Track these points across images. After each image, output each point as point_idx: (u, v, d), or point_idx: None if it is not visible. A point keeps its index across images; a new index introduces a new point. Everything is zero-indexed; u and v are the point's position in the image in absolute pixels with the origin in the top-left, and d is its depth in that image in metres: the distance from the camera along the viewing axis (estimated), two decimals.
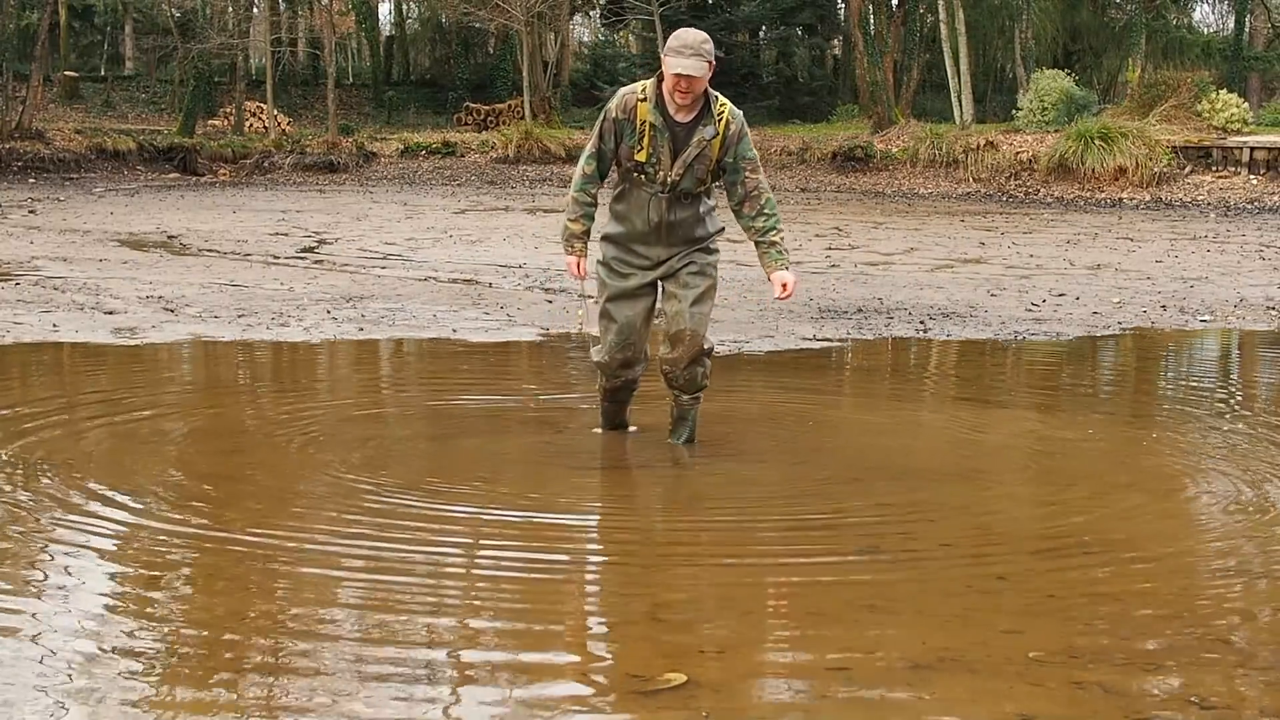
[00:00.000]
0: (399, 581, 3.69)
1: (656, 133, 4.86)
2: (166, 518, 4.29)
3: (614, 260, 5.10)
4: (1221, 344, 8.68)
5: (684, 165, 4.88)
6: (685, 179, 4.91)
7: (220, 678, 3.03)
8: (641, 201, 4.98)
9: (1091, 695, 2.95)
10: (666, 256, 5.06)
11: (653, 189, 4.94)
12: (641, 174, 4.94)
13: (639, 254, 5.06)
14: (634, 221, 5.03)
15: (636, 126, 4.88)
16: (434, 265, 12.27)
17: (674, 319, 5.07)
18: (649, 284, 5.10)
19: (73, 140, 27.82)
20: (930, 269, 12.23)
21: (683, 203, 4.98)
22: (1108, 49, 31.10)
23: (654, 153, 4.88)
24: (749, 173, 4.97)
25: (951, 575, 3.80)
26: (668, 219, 4.98)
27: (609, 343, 5.13)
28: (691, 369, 5.11)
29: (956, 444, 5.63)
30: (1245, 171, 21.79)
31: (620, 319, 5.10)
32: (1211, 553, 4.11)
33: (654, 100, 4.87)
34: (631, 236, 5.06)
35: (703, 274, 5.07)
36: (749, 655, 3.20)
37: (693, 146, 4.86)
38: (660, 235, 5.02)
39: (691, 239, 5.07)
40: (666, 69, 4.80)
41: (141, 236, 15.06)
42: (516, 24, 29.78)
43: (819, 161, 26.02)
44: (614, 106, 4.94)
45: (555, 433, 5.58)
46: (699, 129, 4.86)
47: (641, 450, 5.29)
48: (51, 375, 7.28)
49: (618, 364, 5.14)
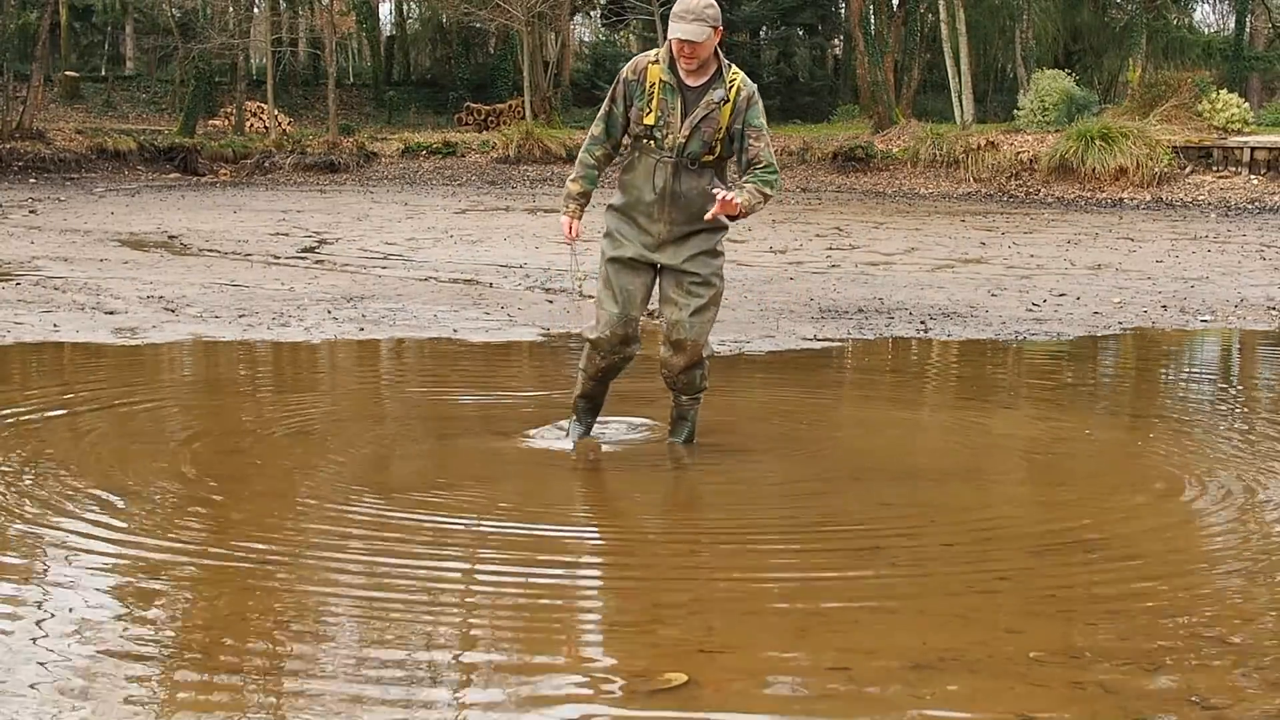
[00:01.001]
0: (398, 582, 3.69)
1: (668, 94, 4.86)
2: (166, 518, 4.29)
3: (616, 230, 5.07)
4: (1222, 344, 8.68)
5: (691, 126, 4.86)
6: (692, 141, 4.88)
7: (218, 678, 3.03)
8: (648, 169, 4.95)
9: (1091, 695, 2.95)
10: (669, 238, 4.98)
11: (660, 154, 4.92)
12: (650, 139, 4.92)
13: (641, 228, 5.01)
14: (640, 189, 4.98)
15: (646, 88, 4.89)
16: (435, 265, 12.27)
17: (675, 326, 5.03)
18: (648, 263, 5.04)
19: (73, 140, 27.84)
20: (931, 269, 12.23)
21: (689, 172, 4.93)
22: (1108, 49, 31.09)
23: (662, 115, 4.87)
24: (753, 140, 4.91)
25: (951, 575, 3.80)
26: (672, 187, 4.93)
27: (610, 315, 5.05)
28: (690, 373, 5.11)
29: (957, 444, 5.63)
30: (1246, 171, 21.79)
31: (619, 290, 5.03)
32: (1212, 553, 4.11)
33: (667, 63, 4.89)
34: (635, 206, 5.01)
35: (707, 284, 5.02)
36: (749, 655, 3.20)
37: (701, 108, 4.86)
38: (664, 207, 4.96)
39: (695, 220, 4.95)
40: (670, 34, 4.82)
41: (142, 236, 15.06)
42: (517, 24, 29.78)
43: (820, 161, 26.02)
44: (627, 68, 4.99)
45: (554, 433, 5.57)
46: (709, 91, 4.87)
47: (641, 450, 5.29)
48: (52, 375, 7.28)
49: (618, 339, 5.06)
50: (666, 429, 5.35)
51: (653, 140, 4.92)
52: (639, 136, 4.96)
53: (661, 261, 5.03)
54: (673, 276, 5.05)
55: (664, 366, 5.12)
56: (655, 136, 4.91)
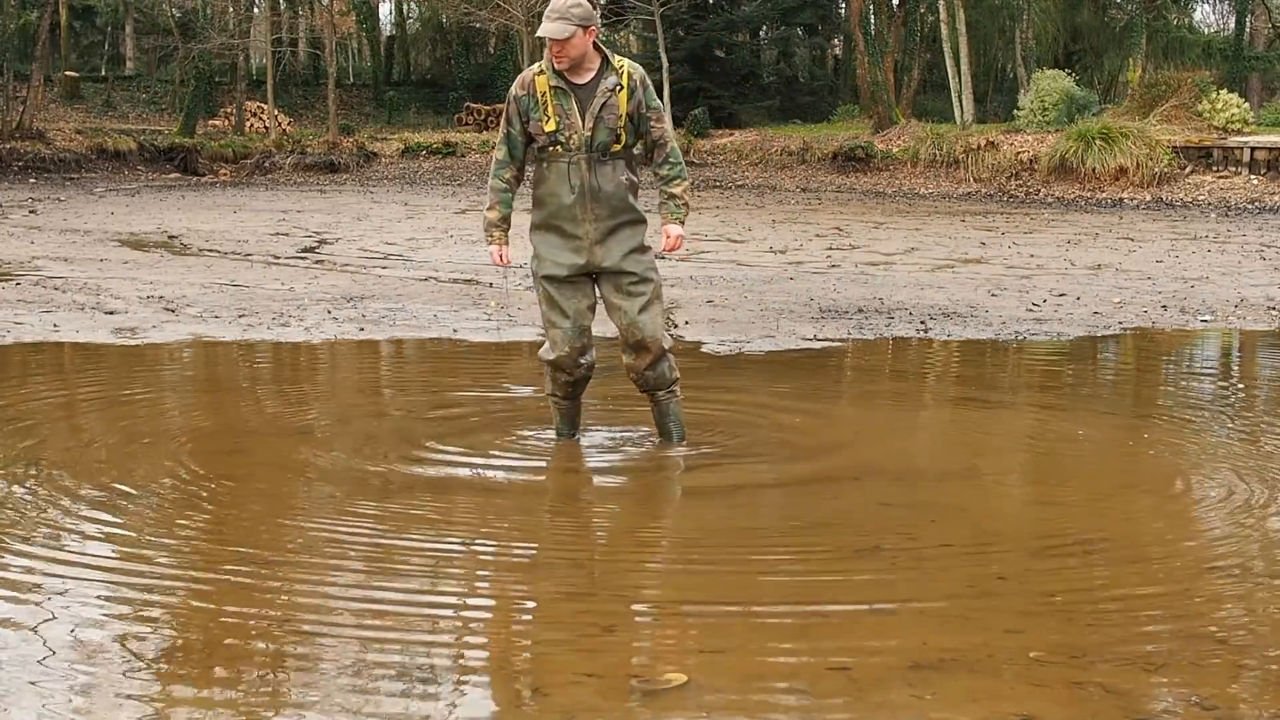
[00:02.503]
0: (396, 579, 3.69)
1: (560, 97, 4.92)
2: (166, 518, 4.30)
3: (545, 250, 5.07)
4: (1222, 344, 8.68)
5: (593, 117, 4.92)
6: (598, 131, 4.94)
7: (219, 675, 3.03)
8: (561, 173, 4.98)
9: (1091, 695, 2.95)
10: (596, 237, 4.99)
11: (569, 155, 4.96)
12: (555, 144, 4.96)
13: (568, 234, 5.01)
14: (559, 196, 4.99)
15: (539, 99, 4.95)
16: (435, 265, 12.27)
17: (630, 329, 5.07)
18: (584, 274, 5.05)
19: (73, 140, 27.85)
20: (931, 269, 12.22)
21: (603, 164, 4.97)
22: (1108, 49, 31.08)
23: (561, 117, 4.92)
24: (654, 121, 5.03)
25: (951, 575, 3.80)
26: (590, 183, 4.96)
27: (565, 332, 5.08)
28: (656, 368, 5.15)
29: (957, 444, 5.63)
30: (1246, 171, 21.79)
31: (569, 309, 5.07)
32: (1212, 553, 4.11)
33: (551, 69, 4.94)
34: (557, 214, 5.01)
35: (645, 280, 5.07)
36: (749, 655, 3.20)
37: (599, 96, 4.92)
38: (586, 206, 4.98)
39: (617, 213, 5.00)
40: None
41: (142, 236, 15.07)
42: (517, 24, 29.78)
43: (819, 161, 26.03)
44: (515, 86, 5.03)
45: (554, 433, 5.56)
46: (601, 81, 4.95)
47: (639, 451, 5.29)
48: (52, 375, 7.27)
49: (576, 353, 5.10)
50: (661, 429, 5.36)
51: (558, 145, 4.96)
52: (544, 147, 4.99)
53: (596, 266, 5.03)
54: (611, 281, 5.07)
55: (631, 371, 5.17)
56: (560, 140, 4.95)
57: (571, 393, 5.27)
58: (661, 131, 5.04)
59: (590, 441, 5.36)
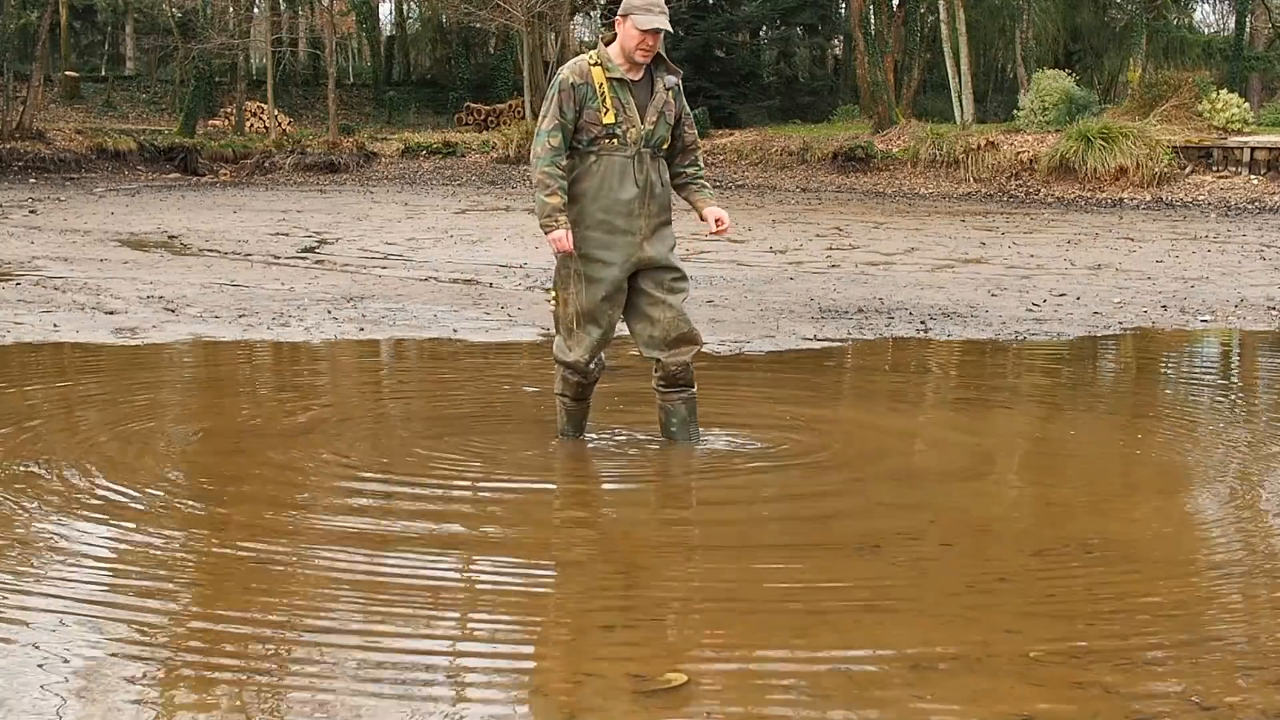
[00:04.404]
0: (396, 579, 3.69)
1: (618, 90, 4.90)
2: (167, 518, 4.30)
3: (594, 249, 4.97)
4: (1222, 344, 8.68)
5: (656, 112, 4.93)
6: (659, 126, 4.95)
7: (219, 677, 3.03)
8: (615, 167, 4.93)
9: (1091, 695, 2.95)
10: (648, 233, 5.00)
11: (627, 150, 4.93)
12: (611, 138, 4.91)
13: (621, 229, 4.96)
14: (615, 190, 4.93)
15: (596, 90, 4.89)
16: (435, 265, 12.27)
17: (674, 323, 5.07)
18: (626, 279, 5.02)
19: (73, 140, 27.85)
20: (931, 269, 12.22)
21: (656, 161, 5.00)
22: (1109, 49, 31.07)
23: (619, 110, 4.89)
24: (688, 127, 5.11)
25: (951, 575, 3.80)
26: (650, 178, 4.97)
27: (592, 340, 5.07)
28: (692, 362, 5.20)
29: (957, 444, 5.63)
30: (1246, 171, 21.78)
31: (604, 321, 5.05)
32: (1212, 553, 4.11)
33: (604, 64, 4.92)
34: (612, 209, 4.94)
35: (683, 276, 5.14)
36: (749, 655, 3.20)
37: (660, 93, 4.94)
38: (645, 201, 4.97)
39: (665, 210, 5.05)
40: (634, 25, 4.82)
41: (142, 236, 15.07)
42: (517, 24, 29.79)
43: (819, 161, 26.02)
44: (569, 73, 4.92)
45: (553, 433, 5.56)
46: (658, 79, 4.96)
47: (639, 451, 5.29)
48: (52, 375, 7.27)
49: (593, 358, 5.13)
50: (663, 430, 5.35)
51: (614, 139, 4.91)
52: (595, 139, 4.91)
53: (644, 259, 5.00)
54: (652, 277, 5.04)
55: (672, 365, 5.11)
56: (617, 134, 4.90)
57: (581, 394, 5.27)
58: (693, 138, 5.15)
59: (591, 441, 5.36)
